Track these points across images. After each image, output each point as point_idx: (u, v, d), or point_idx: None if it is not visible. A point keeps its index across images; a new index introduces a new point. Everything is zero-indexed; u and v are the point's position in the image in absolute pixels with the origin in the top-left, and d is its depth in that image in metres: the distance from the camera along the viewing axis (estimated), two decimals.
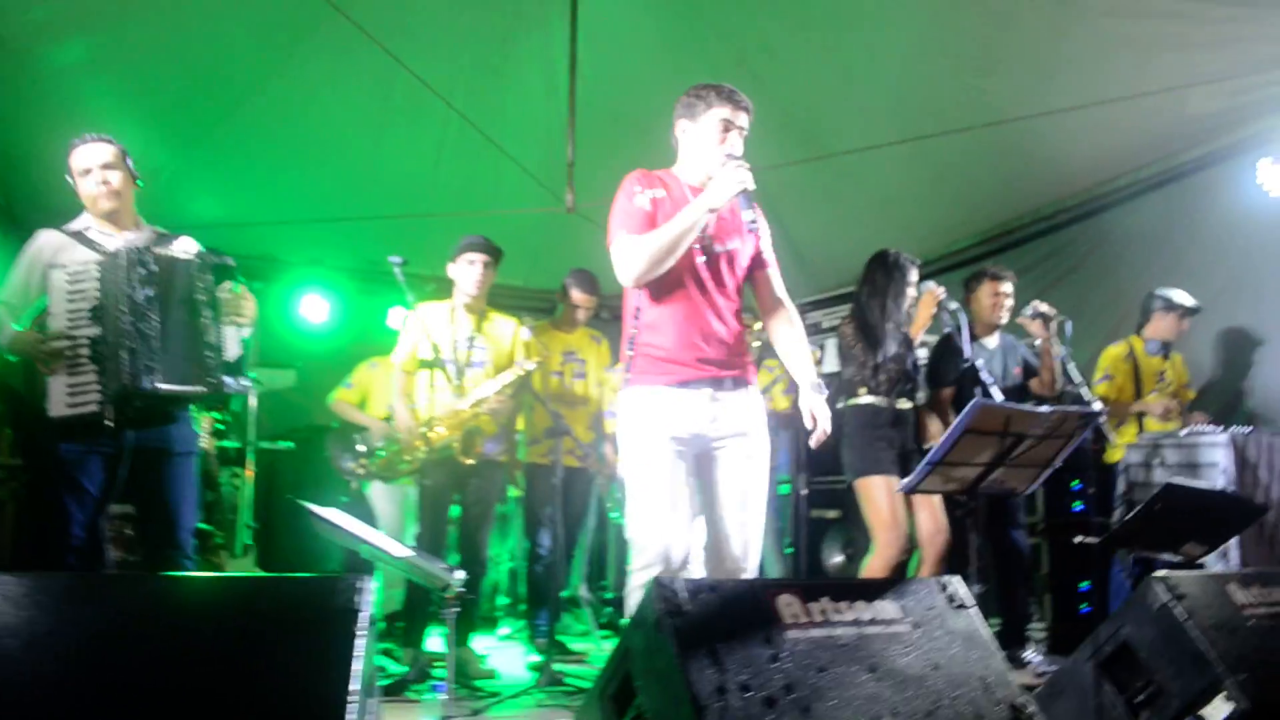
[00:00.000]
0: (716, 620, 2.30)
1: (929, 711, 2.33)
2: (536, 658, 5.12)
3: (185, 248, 3.48)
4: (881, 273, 4.49)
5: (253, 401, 5.85)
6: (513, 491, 5.42)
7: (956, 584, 2.69)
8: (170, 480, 3.35)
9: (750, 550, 3.15)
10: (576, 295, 5.38)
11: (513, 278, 7.48)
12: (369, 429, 5.37)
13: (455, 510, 4.72)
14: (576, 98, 5.58)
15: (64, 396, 3.17)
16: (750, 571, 3.16)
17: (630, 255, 3.02)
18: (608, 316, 7.66)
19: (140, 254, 3.24)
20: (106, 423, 3.16)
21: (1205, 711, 2.93)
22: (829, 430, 3.14)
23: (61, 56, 5.09)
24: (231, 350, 3.36)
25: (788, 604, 2.41)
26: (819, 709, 2.22)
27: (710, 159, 3.11)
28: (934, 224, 6.96)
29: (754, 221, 2.99)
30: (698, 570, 3.17)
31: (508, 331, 4.88)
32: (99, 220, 3.48)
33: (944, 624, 2.57)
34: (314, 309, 7.15)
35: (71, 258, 3.34)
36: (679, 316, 3.11)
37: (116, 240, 3.42)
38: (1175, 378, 5.22)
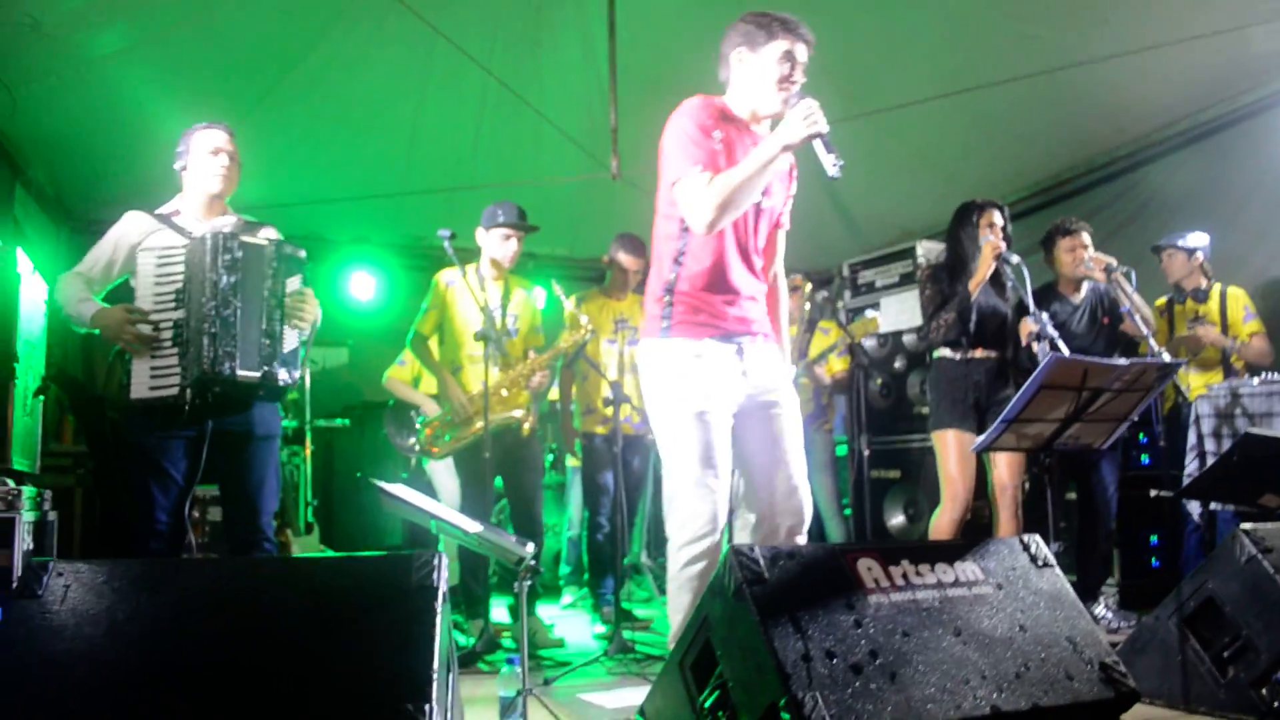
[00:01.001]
0: (797, 587, 2.27)
1: (1018, 674, 2.29)
2: (601, 627, 5.14)
3: (269, 236, 3.47)
4: (954, 220, 4.55)
5: (307, 380, 5.89)
6: (571, 461, 5.40)
7: (1038, 543, 2.64)
8: (252, 463, 3.35)
9: (805, 506, 3.01)
10: (625, 259, 5.33)
11: (558, 247, 7.46)
12: (423, 406, 5.37)
13: (498, 482, 4.74)
14: (616, 63, 5.50)
15: (146, 379, 3.17)
16: (808, 523, 3.02)
17: (707, 196, 2.79)
18: None
19: (226, 240, 3.23)
20: (185, 406, 3.15)
21: None
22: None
23: (100, 44, 5.09)
24: (288, 342, 3.34)
25: (868, 568, 2.38)
26: (905, 674, 2.18)
27: (769, 94, 2.93)
28: (981, 178, 6.80)
29: (837, 164, 2.71)
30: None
31: (532, 297, 4.94)
32: (194, 205, 3.50)
33: (1028, 584, 2.52)
34: (362, 287, 7.17)
35: (159, 241, 3.34)
36: (724, 267, 2.96)
37: (203, 226, 3.42)
38: (1215, 318, 5.09)
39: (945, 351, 4.41)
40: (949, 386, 4.30)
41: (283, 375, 3.28)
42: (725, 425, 2.95)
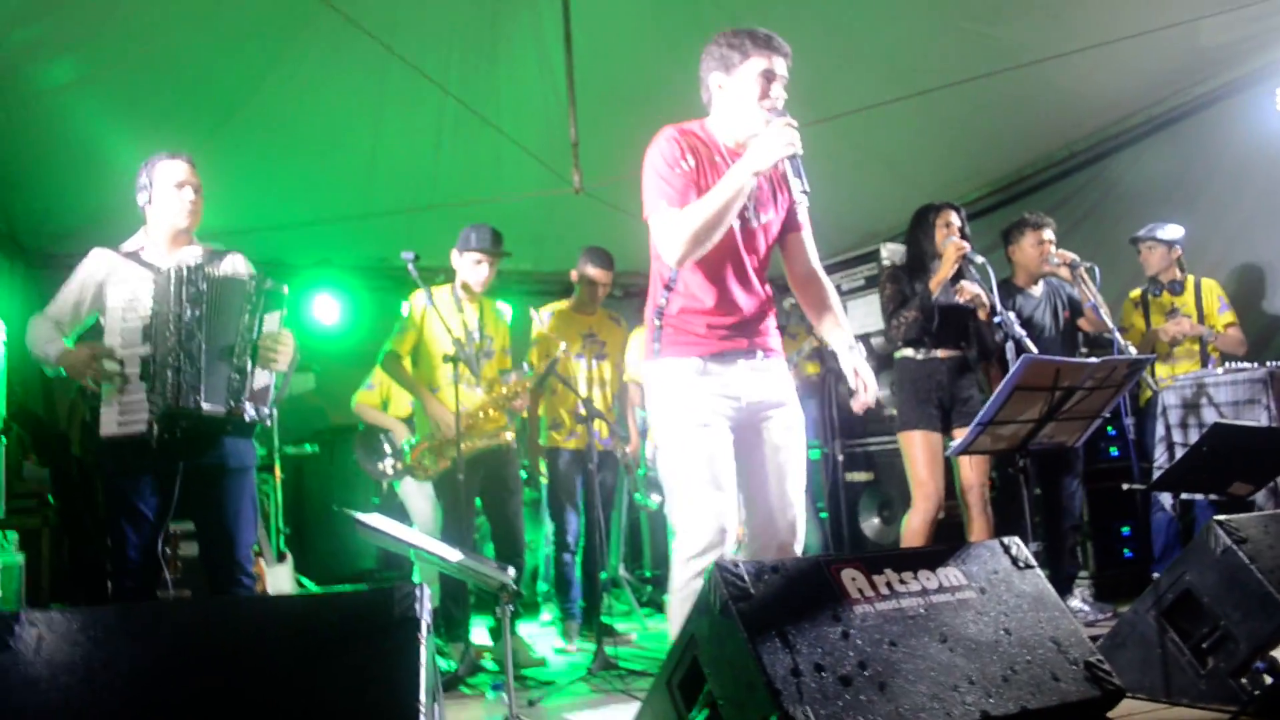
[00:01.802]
0: (783, 601, 2.26)
1: (1005, 677, 2.29)
2: (561, 642, 5.16)
3: (234, 264, 3.42)
4: (912, 223, 4.62)
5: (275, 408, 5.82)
6: (544, 477, 5.37)
7: (1019, 545, 2.65)
8: (227, 497, 3.30)
9: (799, 524, 3.00)
10: (593, 272, 5.31)
11: (522, 262, 7.38)
12: (392, 429, 5.32)
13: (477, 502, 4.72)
14: (574, 76, 5.49)
15: (115, 416, 3.13)
16: (800, 545, 3.01)
17: (674, 231, 2.76)
18: (620, 294, 7.61)
19: (191, 272, 3.20)
20: (153, 443, 3.11)
21: (1276, 653, 2.89)
22: (875, 392, 2.99)
23: (49, 76, 5.02)
24: (260, 379, 3.30)
25: (852, 578, 2.38)
26: (895, 684, 2.18)
27: (751, 116, 2.84)
28: (943, 178, 6.87)
29: (805, 192, 2.72)
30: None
31: (506, 316, 4.92)
32: (158, 238, 3.45)
33: (1010, 586, 2.53)
34: (327, 310, 7.10)
35: (125, 277, 3.30)
36: (712, 287, 2.92)
37: (169, 260, 3.38)
38: (1191, 310, 5.16)
39: (908, 351, 4.44)
40: (913, 387, 4.34)
41: (249, 412, 3.23)
42: (727, 439, 2.90)
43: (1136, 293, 5.36)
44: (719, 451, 2.87)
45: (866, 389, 2.98)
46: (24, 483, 5.13)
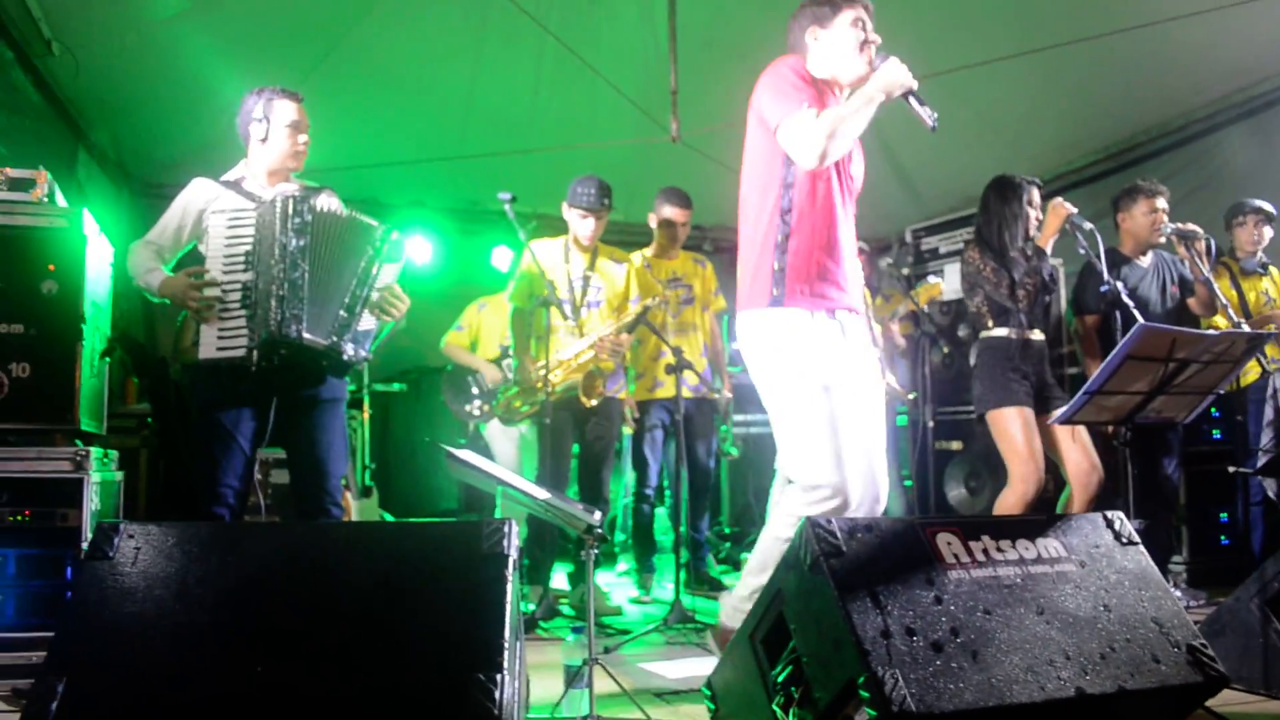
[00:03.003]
0: (875, 561, 2.20)
1: (1103, 655, 2.21)
2: (637, 591, 5.15)
3: (329, 200, 3.44)
4: (995, 196, 4.32)
5: None
6: (628, 428, 5.35)
7: (1122, 519, 2.55)
8: (318, 427, 3.32)
9: (883, 487, 2.99)
10: (671, 213, 5.22)
11: (614, 212, 7.37)
12: (481, 371, 5.35)
13: (575, 448, 4.71)
14: (676, 22, 5.40)
15: (214, 340, 3.15)
16: (884, 504, 3.00)
17: (814, 129, 2.79)
18: (710, 249, 7.53)
19: (296, 203, 3.20)
20: (251, 368, 3.13)
21: None
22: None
23: (163, 6, 5.08)
24: (366, 322, 3.32)
25: (948, 543, 2.31)
26: (987, 654, 2.11)
27: (852, 60, 2.97)
28: (1048, 141, 6.64)
29: (933, 116, 2.80)
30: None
31: (621, 270, 4.82)
32: (260, 171, 3.48)
33: (1112, 562, 2.44)
34: (418, 251, 7.15)
35: (228, 204, 3.32)
36: (833, 235, 2.97)
37: (270, 191, 3.40)
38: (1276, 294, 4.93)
39: (1002, 331, 4.17)
40: (1007, 366, 4.08)
41: (349, 350, 3.25)
42: (845, 396, 2.93)
43: (1222, 273, 5.04)
44: (836, 409, 2.88)
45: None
46: (124, 404, 5.30)
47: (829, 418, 2.86)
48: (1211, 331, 2.95)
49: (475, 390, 5.28)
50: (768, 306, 2.95)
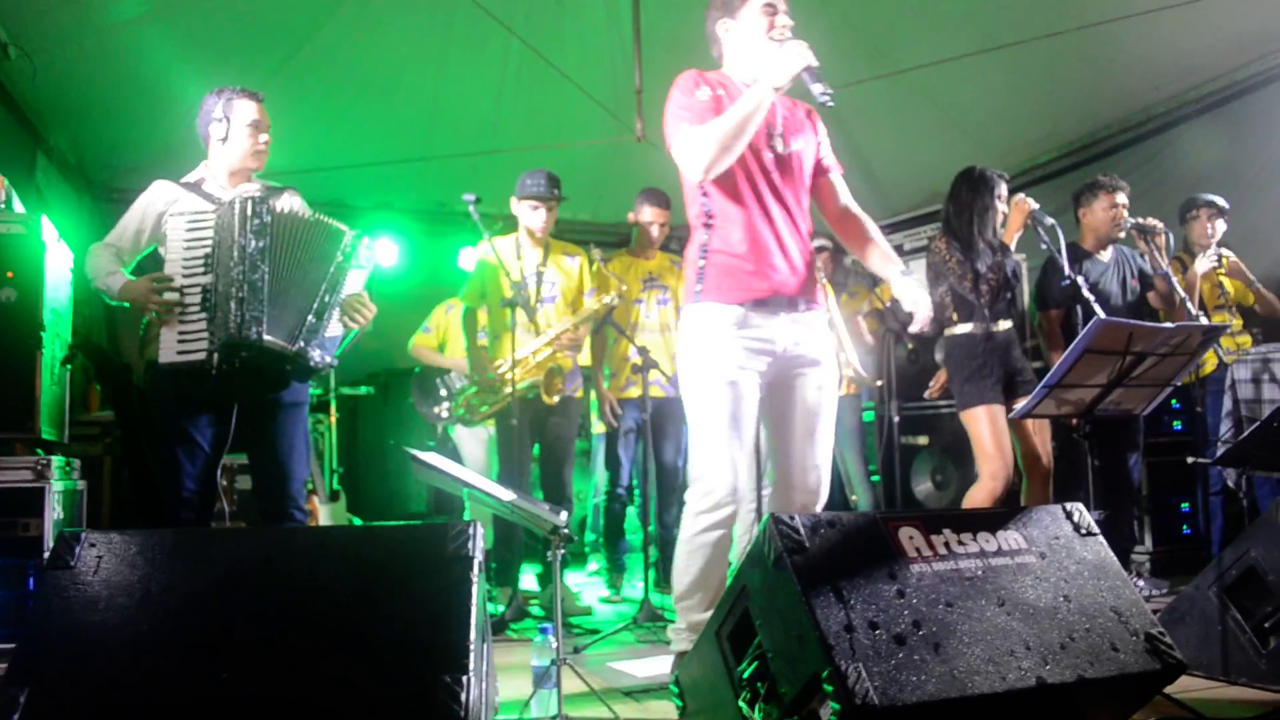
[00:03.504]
0: (838, 556, 2.22)
1: (1063, 644, 2.24)
2: (608, 591, 5.17)
3: (291, 201, 3.42)
4: (966, 188, 4.34)
5: None
6: (597, 427, 5.36)
7: (1081, 511, 2.58)
8: (281, 431, 3.29)
9: (822, 485, 3.04)
10: (650, 212, 5.23)
11: (581, 211, 7.39)
12: (450, 371, 5.34)
13: (535, 449, 4.71)
14: (640, 23, 5.42)
15: (174, 344, 3.12)
16: (821, 503, 3.04)
17: (698, 143, 2.81)
18: (676, 248, 7.54)
19: (255, 204, 3.16)
20: (212, 371, 3.10)
21: None
22: (930, 315, 3.04)
23: (120, 10, 5.04)
24: (333, 329, 3.30)
25: (910, 537, 2.33)
26: (949, 645, 2.14)
27: (762, 48, 2.93)
28: (1013, 137, 6.71)
29: (826, 94, 2.71)
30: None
31: (575, 263, 4.84)
32: (220, 173, 3.46)
33: (1072, 553, 2.47)
34: (385, 253, 7.13)
35: (187, 206, 3.29)
36: (755, 225, 2.93)
37: (230, 193, 3.38)
38: (1232, 283, 5.03)
39: (966, 327, 4.19)
40: (975, 362, 4.11)
41: (315, 355, 3.21)
42: (754, 395, 2.94)
43: (1175, 266, 5.12)
44: (743, 409, 2.91)
45: (919, 310, 3.03)
46: (86, 411, 5.25)
47: (729, 416, 2.87)
48: (1167, 325, 3.00)
49: (443, 392, 5.28)
50: (691, 304, 2.99)
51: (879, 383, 5.41)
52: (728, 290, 2.93)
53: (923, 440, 5.87)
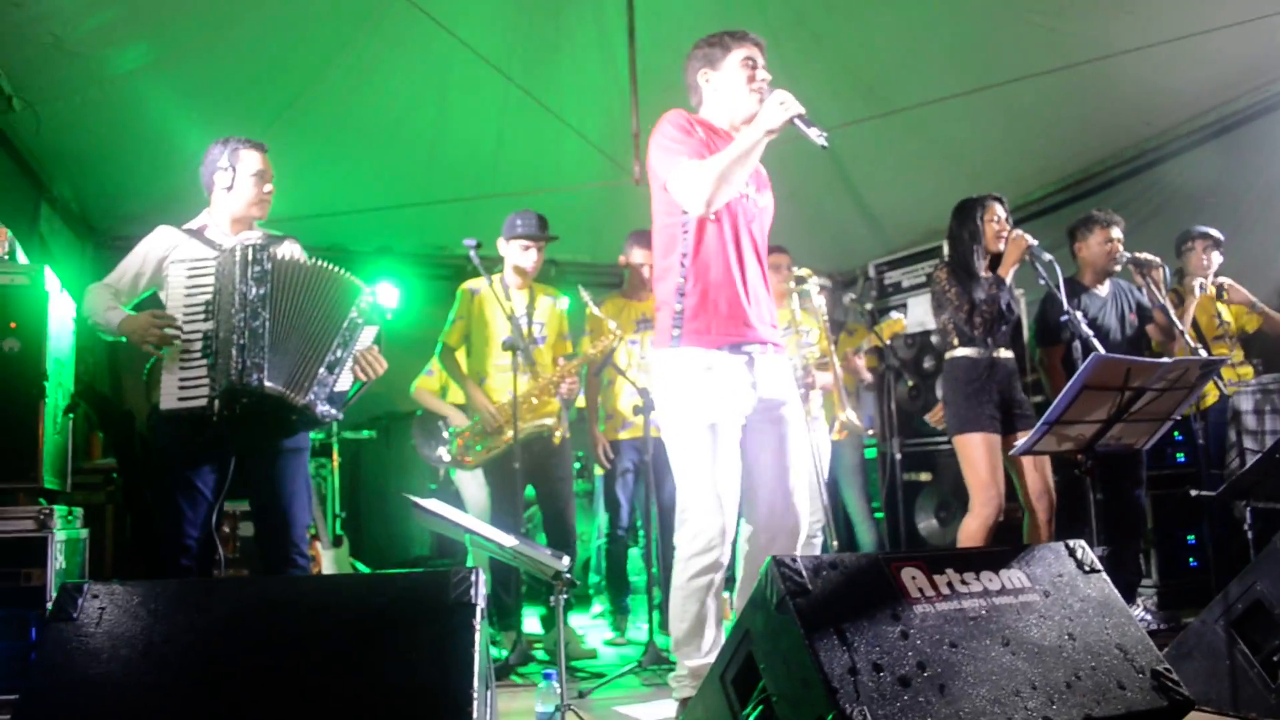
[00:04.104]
0: (841, 598, 2.22)
1: (1068, 683, 2.23)
2: (612, 634, 5.16)
3: (291, 249, 3.45)
4: (955, 220, 4.46)
5: None
6: (600, 469, 5.36)
7: (1084, 548, 2.58)
8: (282, 477, 3.31)
9: (800, 519, 3.08)
10: (640, 254, 5.25)
11: (580, 253, 7.42)
12: (451, 416, 5.34)
13: (529, 492, 4.72)
14: (636, 66, 5.48)
15: (175, 390, 3.13)
16: (800, 540, 3.09)
17: (698, 177, 2.88)
18: None
19: (255, 251, 3.20)
20: (213, 417, 3.11)
21: None
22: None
23: (122, 61, 5.10)
24: (344, 382, 3.33)
25: (912, 577, 2.33)
26: (954, 686, 2.13)
27: (742, 98, 3.05)
28: (1007, 174, 6.74)
29: (823, 136, 2.79)
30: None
31: (556, 304, 4.90)
32: (223, 220, 3.49)
33: (1075, 591, 2.47)
34: (386, 297, 7.15)
35: (189, 253, 3.32)
36: (733, 272, 3.01)
37: (231, 240, 3.41)
38: (1231, 311, 5.07)
39: (968, 351, 4.25)
40: (971, 387, 4.16)
41: (321, 409, 3.24)
42: (735, 438, 3.01)
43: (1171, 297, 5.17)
44: (724, 451, 2.96)
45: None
46: (89, 459, 5.25)
47: (712, 459, 2.93)
48: (1165, 360, 3.01)
49: (445, 435, 5.27)
50: (668, 347, 3.03)
51: (870, 432, 5.41)
52: (705, 334, 2.99)
53: (925, 476, 5.86)
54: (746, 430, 3.06)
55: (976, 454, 4.09)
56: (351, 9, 5.30)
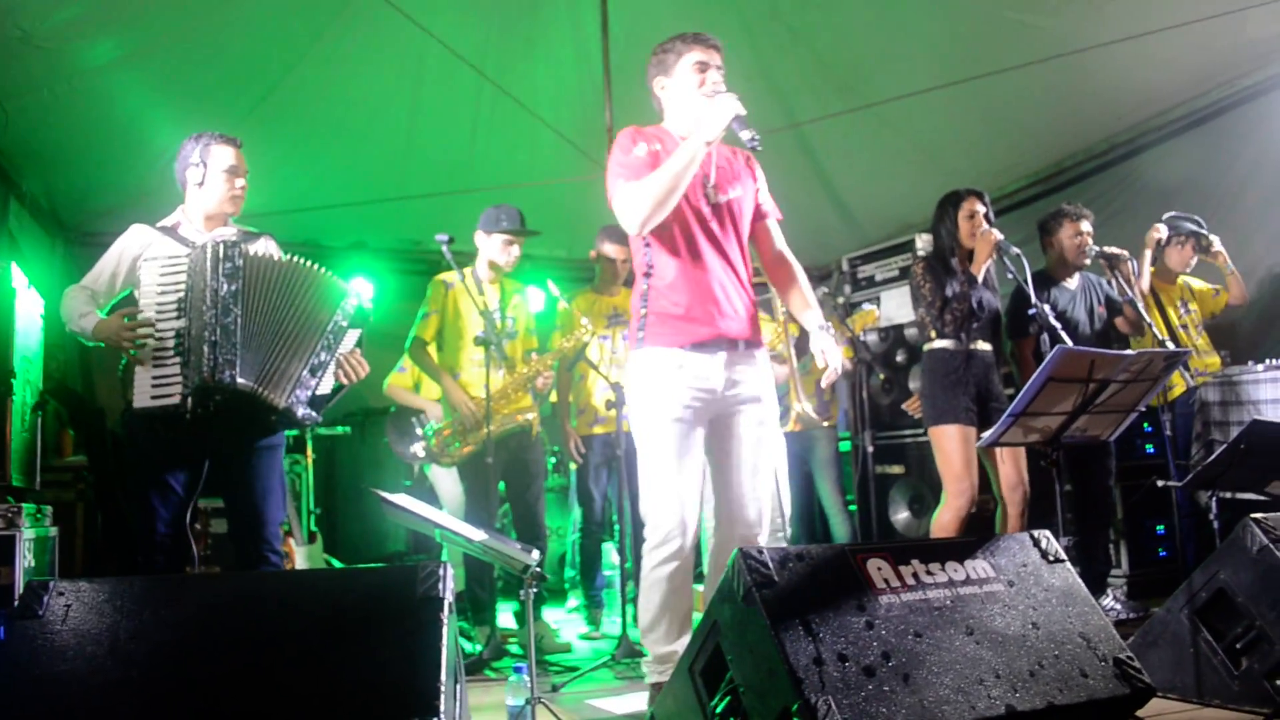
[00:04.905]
0: (807, 589, 2.25)
1: (1032, 672, 2.27)
2: (587, 627, 5.17)
3: (266, 246, 3.44)
4: (934, 215, 4.49)
5: None
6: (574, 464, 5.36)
7: (1049, 538, 2.61)
8: (256, 474, 3.31)
9: (763, 515, 3.15)
10: (610, 249, 5.26)
11: (555, 248, 7.42)
12: (424, 411, 5.34)
13: (500, 486, 4.72)
14: (610, 61, 5.48)
15: (149, 388, 3.12)
16: (763, 537, 3.15)
17: (633, 199, 2.97)
18: None
19: (227, 248, 3.19)
20: (186, 415, 3.09)
21: None
22: (839, 371, 3.19)
23: (92, 56, 5.05)
24: (325, 385, 3.33)
25: (878, 568, 2.36)
26: (919, 676, 2.16)
27: (696, 103, 3.07)
28: (982, 167, 6.78)
29: (754, 139, 2.86)
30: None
31: (525, 298, 4.90)
32: (197, 216, 3.48)
33: (1039, 580, 2.50)
34: (360, 292, 7.12)
35: (161, 251, 3.30)
36: (692, 273, 3.07)
37: (205, 237, 3.40)
38: (1197, 295, 5.16)
39: (945, 344, 4.27)
40: (948, 380, 4.20)
41: (302, 412, 3.25)
42: (698, 434, 3.06)
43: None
44: (687, 447, 3.03)
45: (828, 366, 3.19)
46: (59, 457, 5.21)
47: (673, 454, 3.00)
48: (1128, 352, 3.04)
49: (419, 431, 5.26)
50: (635, 349, 3.12)
51: (826, 423, 5.42)
52: (667, 335, 3.06)
53: (898, 469, 5.89)
54: (714, 425, 3.11)
55: (951, 445, 4.13)
56: (325, 4, 5.27)
